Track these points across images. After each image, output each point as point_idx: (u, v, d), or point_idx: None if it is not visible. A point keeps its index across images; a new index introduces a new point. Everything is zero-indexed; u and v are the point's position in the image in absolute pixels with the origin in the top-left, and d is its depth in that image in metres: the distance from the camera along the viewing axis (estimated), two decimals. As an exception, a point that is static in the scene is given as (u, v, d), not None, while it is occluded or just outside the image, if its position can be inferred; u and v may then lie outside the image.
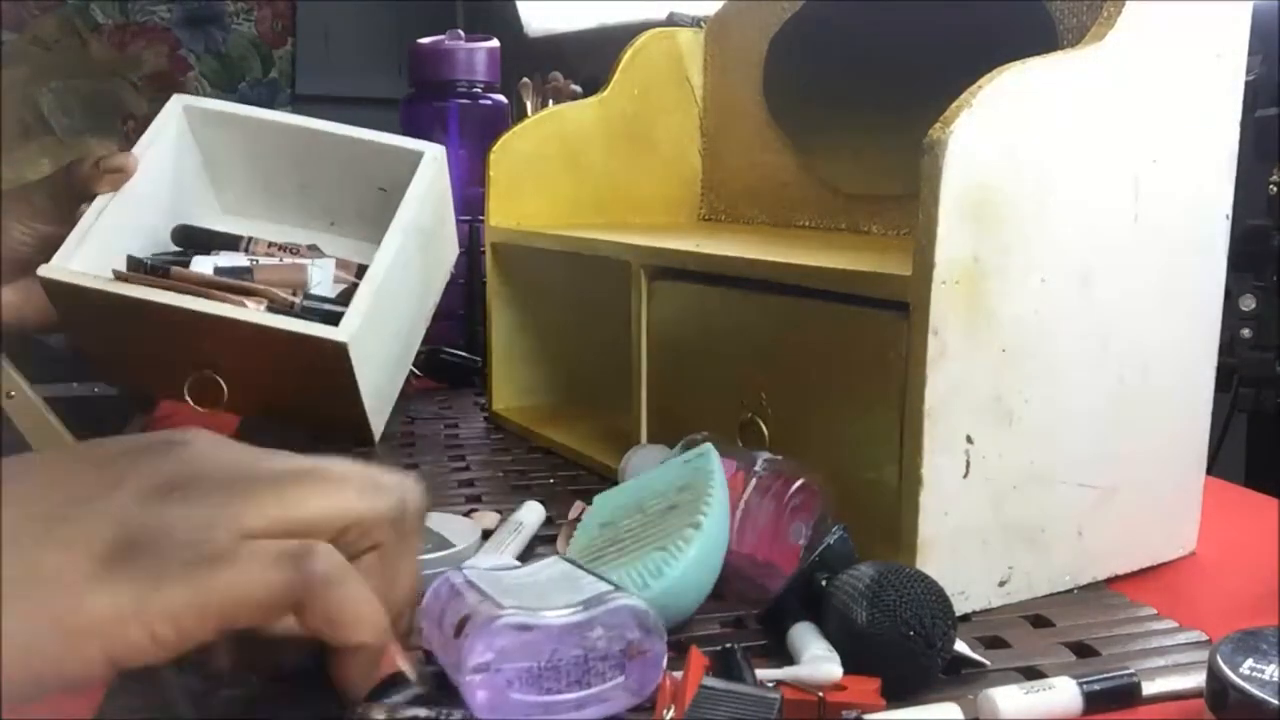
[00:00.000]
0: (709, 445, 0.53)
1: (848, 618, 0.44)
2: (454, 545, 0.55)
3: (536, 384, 0.91)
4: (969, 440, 0.50)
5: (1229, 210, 0.57)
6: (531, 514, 0.62)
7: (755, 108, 0.87)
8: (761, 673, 0.42)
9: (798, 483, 0.53)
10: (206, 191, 0.91)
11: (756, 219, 0.89)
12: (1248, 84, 0.56)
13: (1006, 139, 0.48)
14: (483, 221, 0.89)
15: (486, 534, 0.60)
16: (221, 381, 0.77)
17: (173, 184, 0.86)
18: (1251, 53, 0.57)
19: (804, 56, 0.83)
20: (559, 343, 0.91)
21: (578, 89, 1.24)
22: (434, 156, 0.84)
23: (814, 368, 0.58)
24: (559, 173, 0.89)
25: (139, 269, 0.76)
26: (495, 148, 0.86)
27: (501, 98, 1.15)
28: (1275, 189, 1.07)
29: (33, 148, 2.56)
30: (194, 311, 0.72)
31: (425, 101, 1.14)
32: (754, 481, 0.54)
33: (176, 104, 0.85)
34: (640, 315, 0.71)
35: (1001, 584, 0.53)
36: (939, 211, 0.47)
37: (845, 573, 0.46)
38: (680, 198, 0.94)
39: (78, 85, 2.68)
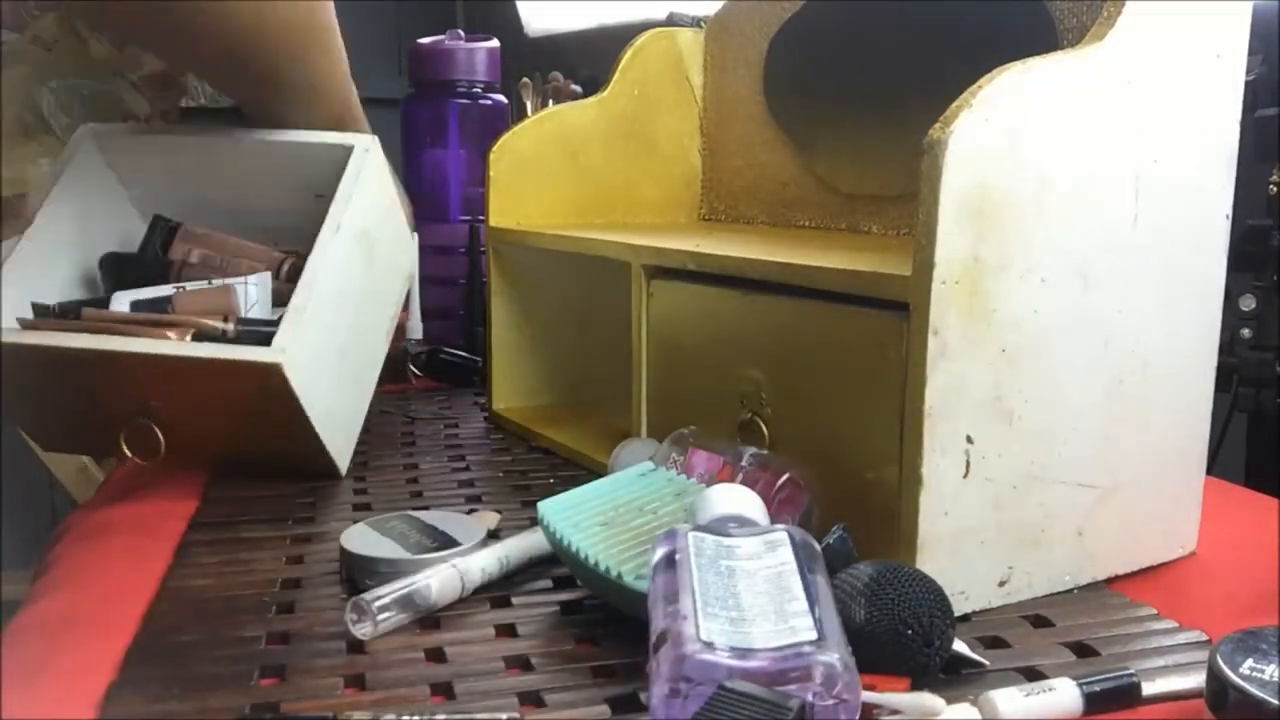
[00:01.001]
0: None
1: (846, 615, 0.44)
2: (459, 544, 0.56)
3: (536, 384, 0.91)
4: (969, 440, 0.50)
5: (1229, 210, 0.57)
6: None
7: (755, 107, 0.88)
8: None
9: (784, 477, 0.53)
10: (133, 221, 0.82)
11: (756, 219, 0.89)
12: (1248, 84, 0.56)
13: (1006, 139, 0.48)
14: (483, 221, 0.89)
15: (491, 534, 0.60)
16: (158, 430, 0.68)
17: (94, 216, 0.78)
18: (1251, 53, 0.57)
19: (804, 56, 0.83)
20: (559, 343, 0.91)
21: (578, 89, 1.24)
22: (364, 148, 0.75)
23: (814, 368, 0.58)
24: (559, 173, 0.89)
25: (46, 314, 0.69)
26: (495, 148, 0.86)
27: (501, 98, 1.15)
28: (1275, 189, 1.07)
29: (33, 147, 2.56)
30: (108, 352, 0.64)
31: (425, 101, 1.14)
32: (740, 476, 0.54)
33: (84, 131, 0.79)
34: (640, 315, 0.71)
35: (1001, 584, 0.53)
36: (939, 211, 0.47)
37: (845, 571, 0.46)
38: (680, 198, 0.94)
39: (78, 85, 2.68)
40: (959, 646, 0.45)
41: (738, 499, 0.49)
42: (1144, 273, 0.54)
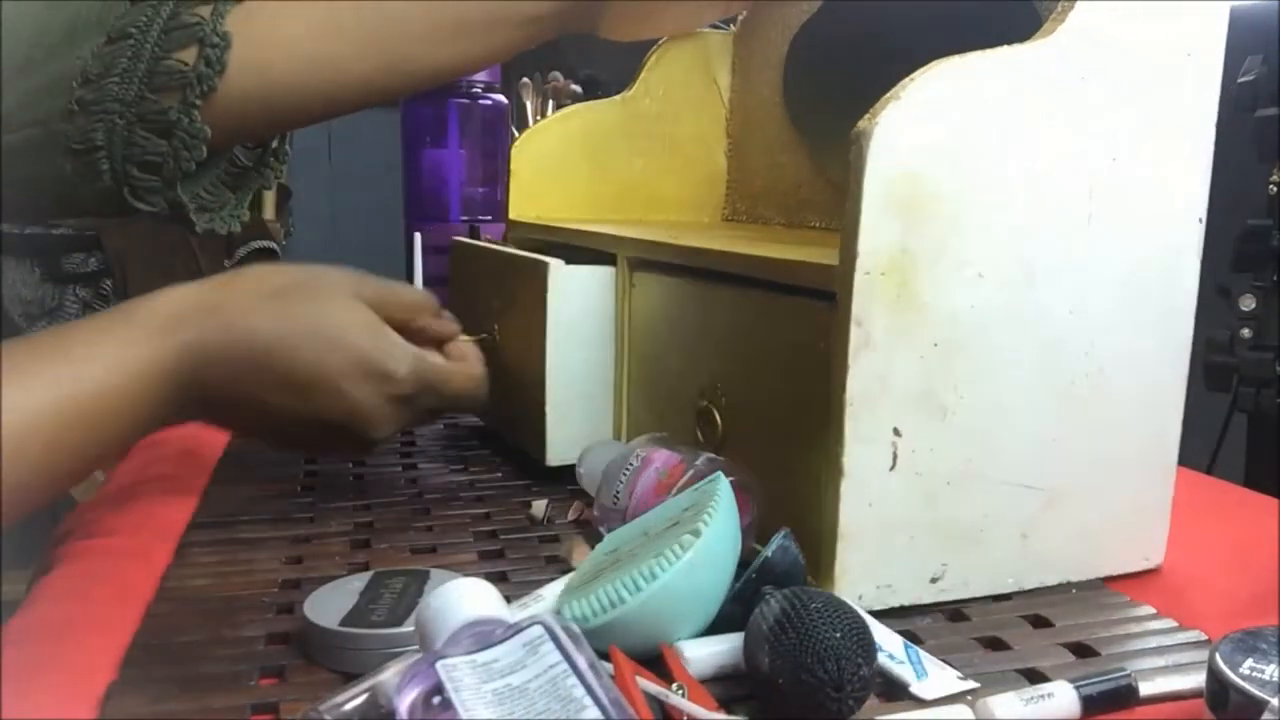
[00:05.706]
0: (719, 472, 0.51)
1: (754, 664, 0.42)
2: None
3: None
4: (896, 433, 0.49)
5: (1203, 214, 0.55)
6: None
7: (776, 109, 0.87)
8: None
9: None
10: None
11: (774, 220, 0.89)
12: (1248, 84, 0.56)
13: (940, 132, 0.47)
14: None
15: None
16: None
17: None
18: (1251, 53, 0.56)
19: (819, 58, 0.83)
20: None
21: (577, 89, 1.24)
22: None
23: (758, 357, 0.57)
24: (581, 170, 0.88)
25: None
26: (518, 142, 0.85)
27: (501, 98, 1.15)
28: (1275, 189, 1.07)
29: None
30: None
31: (425, 102, 1.14)
32: (689, 473, 0.55)
33: None
34: (624, 308, 0.70)
35: (934, 580, 0.52)
36: (863, 202, 0.46)
37: (761, 605, 0.43)
38: (705, 198, 0.93)
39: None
40: (933, 687, 0.43)
41: (467, 597, 0.40)
42: (1101, 274, 0.53)
